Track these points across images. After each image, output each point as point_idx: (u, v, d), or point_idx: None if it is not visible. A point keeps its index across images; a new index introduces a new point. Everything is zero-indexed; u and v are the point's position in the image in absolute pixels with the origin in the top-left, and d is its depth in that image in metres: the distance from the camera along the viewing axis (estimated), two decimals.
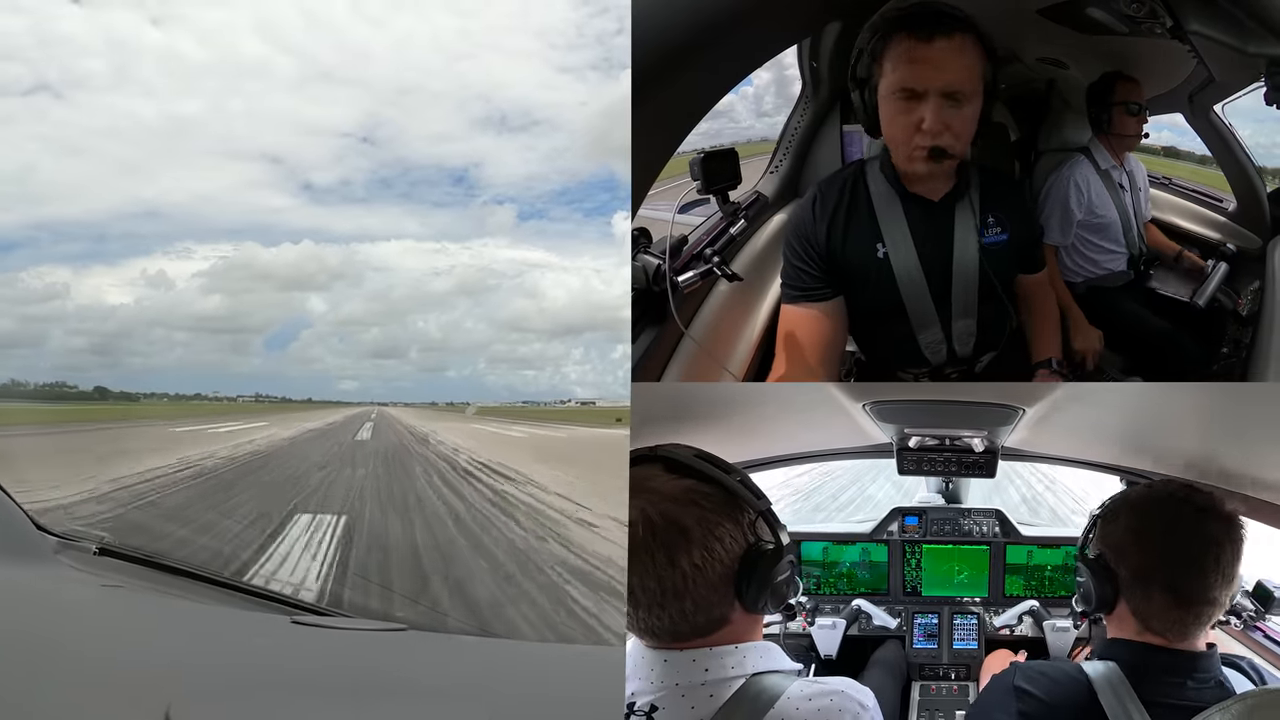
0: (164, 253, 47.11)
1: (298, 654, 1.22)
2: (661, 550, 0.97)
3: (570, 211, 51.47)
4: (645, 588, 0.98)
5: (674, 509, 0.98)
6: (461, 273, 49.59)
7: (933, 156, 1.36)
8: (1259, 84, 1.57)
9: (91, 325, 45.90)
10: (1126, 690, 1.06)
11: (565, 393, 52.81)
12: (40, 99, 38.52)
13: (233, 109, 46.70)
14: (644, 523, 0.98)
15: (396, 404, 45.79)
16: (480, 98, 48.92)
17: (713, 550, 0.98)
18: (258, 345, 56.16)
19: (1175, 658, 1.10)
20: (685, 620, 1.00)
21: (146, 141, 44.55)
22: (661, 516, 0.98)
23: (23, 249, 43.65)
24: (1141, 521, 1.15)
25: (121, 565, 1.65)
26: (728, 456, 1.07)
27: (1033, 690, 1.07)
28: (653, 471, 1.02)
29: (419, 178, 51.74)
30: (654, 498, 0.99)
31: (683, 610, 0.99)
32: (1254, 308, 1.69)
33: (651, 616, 1.00)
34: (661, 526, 0.98)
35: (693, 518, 0.98)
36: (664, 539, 0.98)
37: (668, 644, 1.01)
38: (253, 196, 47.85)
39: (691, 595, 0.98)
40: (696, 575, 0.98)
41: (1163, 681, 1.07)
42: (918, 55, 1.33)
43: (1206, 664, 1.10)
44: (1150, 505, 1.16)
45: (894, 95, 1.35)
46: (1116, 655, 1.10)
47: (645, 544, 0.98)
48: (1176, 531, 1.12)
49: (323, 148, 46.79)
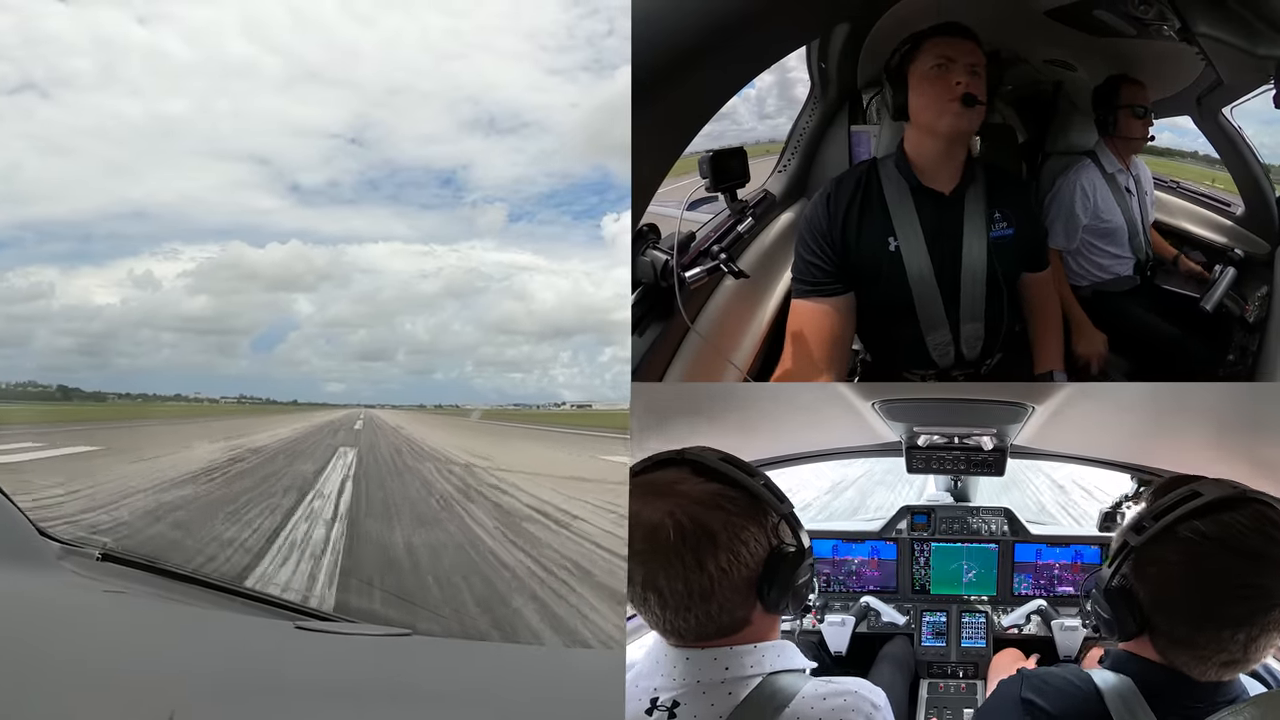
0: (151, 254, 46.98)
1: (301, 659, 1.22)
2: (690, 553, 0.99)
3: (558, 214, 51.48)
4: (673, 590, 1.00)
5: (702, 513, 1.00)
6: (450, 275, 49.41)
7: (965, 102, 1.47)
8: (1268, 86, 1.58)
9: (78, 325, 45.77)
10: (1140, 704, 1.00)
11: (554, 395, 52.62)
12: (26, 98, 38.46)
13: (220, 109, 46.61)
14: (673, 526, 1.00)
15: (384, 406, 45.15)
16: (469, 99, 48.83)
17: (738, 554, 1.01)
18: (245, 347, 56.03)
19: (1199, 687, 1.01)
20: (711, 621, 1.02)
21: (133, 141, 44.44)
22: (690, 520, 1.00)
23: (8, 249, 43.54)
24: (1190, 569, 0.99)
25: (124, 571, 1.65)
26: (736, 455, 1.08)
27: (1040, 702, 1.03)
28: (681, 475, 1.04)
29: (407, 179, 51.66)
30: (682, 501, 1.01)
31: (709, 612, 1.01)
32: (1261, 314, 1.69)
33: (679, 618, 1.02)
34: (690, 530, 1.00)
35: (719, 522, 1.01)
36: (692, 542, 0.99)
37: (691, 643, 1.03)
38: (240, 198, 47.69)
39: (718, 598, 1.01)
40: (722, 578, 1.00)
41: (1180, 705, 1.01)
42: (951, 42, 1.49)
43: (1231, 688, 1.02)
44: (1201, 553, 0.99)
45: (930, 68, 1.49)
46: (1131, 671, 1.03)
47: (675, 547, 1.00)
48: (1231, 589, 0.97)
49: (310, 149, 46.71)
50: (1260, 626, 0.97)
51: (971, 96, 1.47)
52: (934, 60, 1.49)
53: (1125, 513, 1.62)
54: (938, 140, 1.52)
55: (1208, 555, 0.99)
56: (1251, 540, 0.97)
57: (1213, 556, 0.98)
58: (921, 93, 1.51)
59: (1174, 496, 1.04)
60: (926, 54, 1.50)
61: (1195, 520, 1.00)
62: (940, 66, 1.49)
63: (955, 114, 1.48)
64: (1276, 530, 0.98)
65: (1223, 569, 0.98)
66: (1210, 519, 1.00)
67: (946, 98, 1.48)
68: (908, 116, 1.53)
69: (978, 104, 1.48)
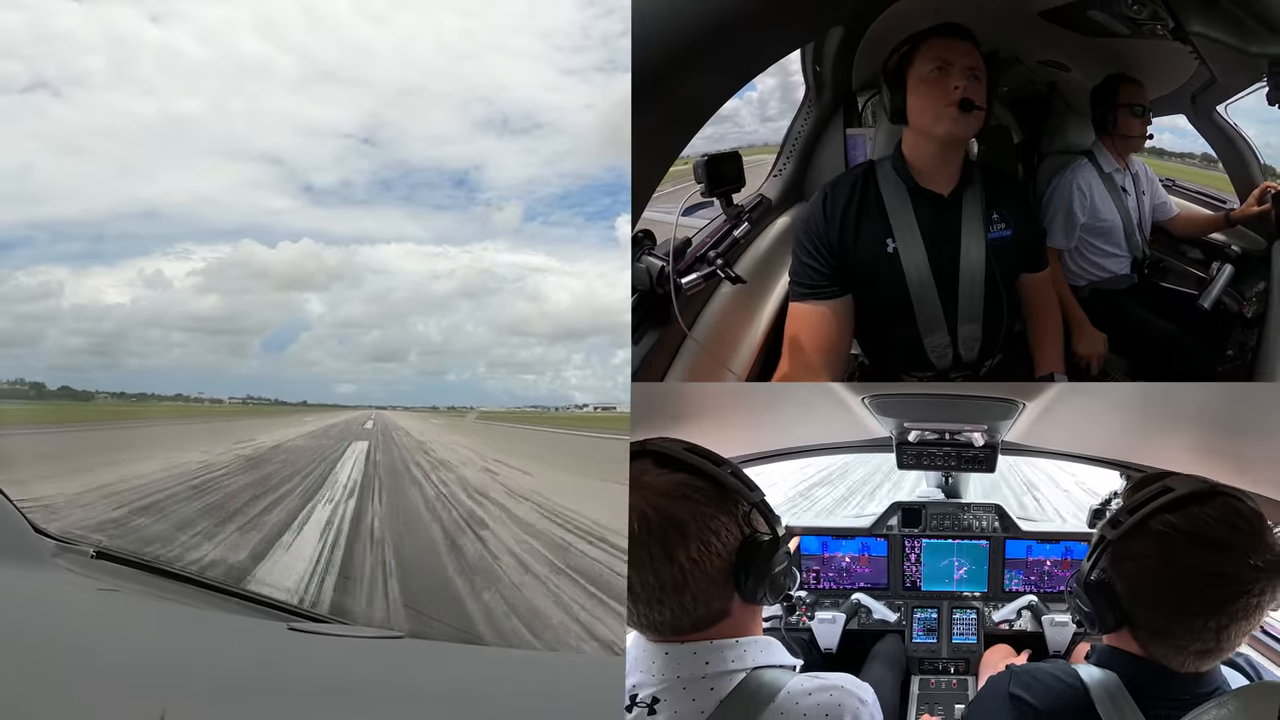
0: (163, 254, 47.48)
1: (294, 660, 1.21)
2: (658, 545, 0.99)
3: (571, 215, 51.51)
4: (644, 583, 0.99)
5: (668, 504, 1.00)
6: (463, 275, 49.55)
7: (962, 107, 1.47)
8: (1261, 84, 1.57)
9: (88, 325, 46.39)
10: (1124, 698, 1.02)
11: (565, 398, 52.66)
12: (38, 96, 38.98)
13: (233, 109, 47.07)
14: (638, 519, 0.99)
15: (396, 407, 45.24)
16: (483, 99, 49.00)
17: (709, 543, 0.99)
18: (255, 347, 56.53)
19: (1180, 679, 1.04)
20: (686, 614, 1.01)
21: (145, 141, 44.94)
22: (656, 512, 0.99)
23: (20, 249, 44.24)
24: (1163, 562, 1.03)
25: (118, 569, 1.65)
26: (727, 451, 1.08)
27: (1028, 697, 1.05)
28: (644, 467, 1.03)
29: (420, 180, 51.92)
30: (647, 493, 1.00)
31: (682, 604, 1.00)
32: (1259, 310, 1.67)
33: (652, 611, 1.01)
34: (657, 522, 0.99)
35: (688, 512, 0.99)
36: (659, 534, 0.99)
37: (669, 637, 1.02)
38: (253, 198, 48.17)
39: (690, 589, 0.99)
40: (694, 569, 0.99)
41: (1163, 697, 1.04)
42: (950, 44, 1.49)
43: (1211, 678, 1.06)
44: (1173, 546, 1.03)
45: (928, 72, 1.49)
46: (1116, 666, 1.06)
47: (642, 540, 0.99)
48: (1201, 579, 1.01)
49: (323, 149, 47.07)
50: (1230, 615, 1.01)
51: (969, 102, 1.47)
52: (932, 64, 1.49)
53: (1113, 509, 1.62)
54: (935, 143, 1.52)
55: (1180, 549, 1.02)
56: (1219, 531, 1.01)
57: (1184, 550, 1.02)
58: (919, 95, 1.51)
59: (1147, 492, 1.08)
60: (924, 56, 1.49)
61: (1167, 514, 1.04)
62: (939, 70, 1.49)
63: (953, 119, 1.48)
64: (1243, 521, 1.02)
65: (1193, 560, 1.01)
66: (1181, 513, 1.04)
67: (944, 102, 1.48)
68: (906, 120, 1.53)
69: (975, 109, 1.48)
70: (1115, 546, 1.07)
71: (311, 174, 50.46)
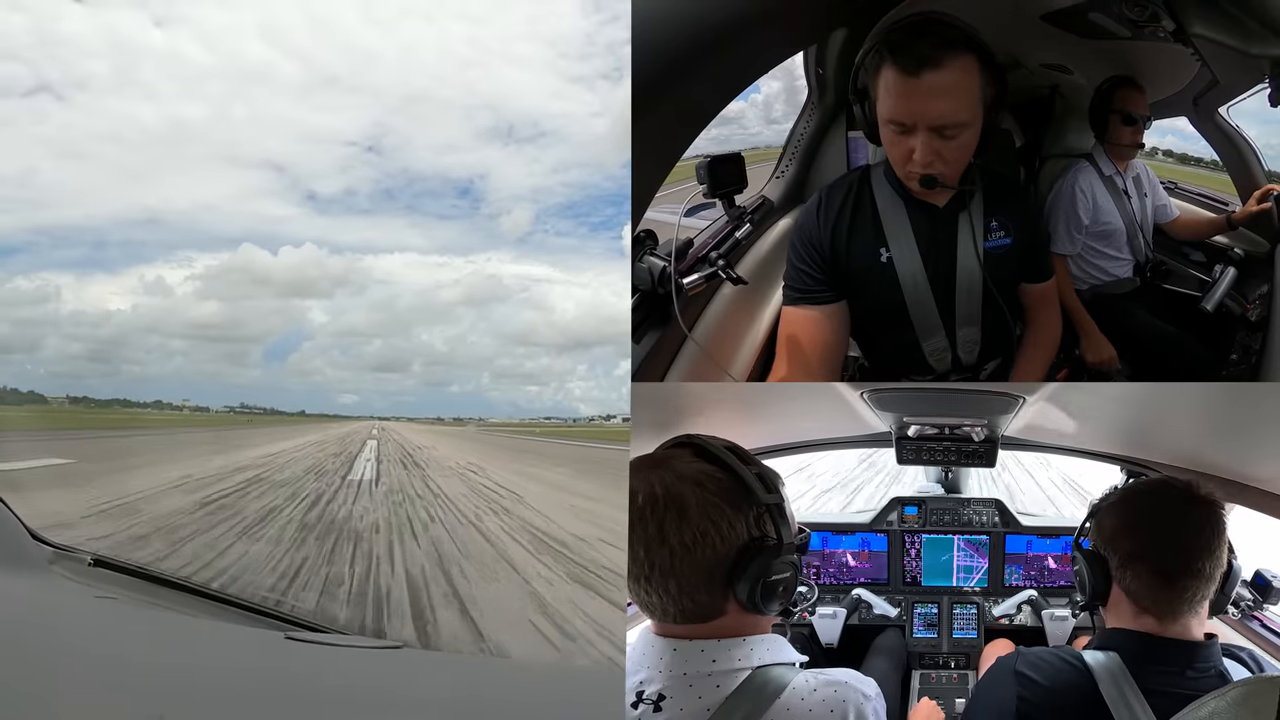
0: (165, 261, 47.66)
1: (291, 670, 1.19)
2: (654, 523, 0.97)
3: (575, 225, 51.54)
4: (635, 556, 0.98)
5: (677, 485, 0.98)
6: (469, 284, 49.57)
7: (924, 185, 1.38)
8: (1263, 86, 1.58)
9: (86, 331, 46.60)
10: (1126, 679, 1.07)
11: (569, 410, 52.44)
12: (41, 100, 39.40)
13: (236, 115, 47.42)
14: (645, 494, 0.98)
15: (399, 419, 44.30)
16: (488, 107, 49.14)
17: (705, 533, 0.97)
18: (256, 355, 56.57)
19: (1174, 647, 1.11)
20: (672, 601, 0.99)
21: (148, 146, 45.31)
22: (665, 490, 0.98)
23: (22, 254, 44.64)
24: (1129, 511, 1.19)
25: (116, 577, 1.63)
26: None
27: (1034, 676, 1.10)
28: (680, 453, 1.03)
29: (424, 189, 52.05)
30: (667, 474, 0.99)
31: (668, 589, 0.98)
32: (1263, 313, 1.67)
33: (640, 591, 1.00)
34: (661, 499, 0.98)
35: (694, 497, 0.98)
36: (659, 513, 0.97)
37: (672, 630, 1.01)
38: (255, 205, 48.49)
39: (676, 575, 0.98)
40: (685, 555, 0.97)
41: (1162, 671, 1.09)
42: (907, 89, 1.33)
43: (1206, 654, 1.11)
44: (1138, 497, 1.22)
45: (886, 124, 1.37)
46: (1116, 645, 1.12)
47: (642, 515, 0.98)
48: (1161, 517, 1.16)
49: (327, 156, 47.34)
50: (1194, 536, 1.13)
51: (931, 179, 1.34)
52: (887, 115, 1.34)
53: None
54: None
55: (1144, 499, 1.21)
56: (1180, 486, 1.17)
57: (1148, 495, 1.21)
58: (885, 143, 1.39)
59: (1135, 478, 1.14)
60: (883, 95, 1.35)
61: (1144, 487, 1.22)
62: (898, 130, 1.34)
63: (918, 190, 1.39)
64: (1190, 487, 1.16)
65: (1164, 516, 1.16)
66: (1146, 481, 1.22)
67: (906, 169, 1.38)
68: (881, 144, 1.42)
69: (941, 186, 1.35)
70: (1101, 513, 1.23)
71: (315, 182, 50.75)
